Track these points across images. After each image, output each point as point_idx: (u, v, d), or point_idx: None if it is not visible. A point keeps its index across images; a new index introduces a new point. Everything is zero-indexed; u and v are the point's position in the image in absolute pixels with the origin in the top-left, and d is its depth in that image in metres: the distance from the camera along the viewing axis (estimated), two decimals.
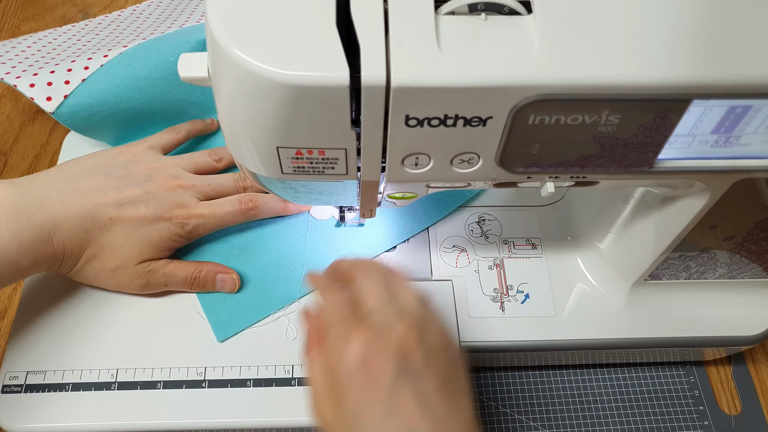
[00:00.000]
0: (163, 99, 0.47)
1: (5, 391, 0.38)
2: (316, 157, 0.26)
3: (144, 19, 0.59)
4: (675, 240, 0.36)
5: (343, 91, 0.23)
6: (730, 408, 0.45)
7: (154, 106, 0.46)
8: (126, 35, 0.54)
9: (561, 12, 0.23)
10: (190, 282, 0.41)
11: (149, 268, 0.39)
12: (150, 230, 0.39)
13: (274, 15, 0.23)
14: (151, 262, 0.40)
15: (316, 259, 0.44)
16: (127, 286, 0.40)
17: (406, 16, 0.23)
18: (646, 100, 0.24)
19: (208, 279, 0.41)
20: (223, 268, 0.42)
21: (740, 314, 0.43)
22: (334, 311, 0.32)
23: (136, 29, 0.56)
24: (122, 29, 0.56)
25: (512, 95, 0.23)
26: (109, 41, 0.52)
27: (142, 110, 0.46)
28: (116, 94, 0.45)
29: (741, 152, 0.28)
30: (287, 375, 0.39)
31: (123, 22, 0.58)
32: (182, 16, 0.59)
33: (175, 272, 0.40)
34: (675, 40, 0.23)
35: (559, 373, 0.46)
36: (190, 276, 0.41)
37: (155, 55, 0.46)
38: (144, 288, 0.40)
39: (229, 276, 0.41)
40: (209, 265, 0.42)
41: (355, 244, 0.45)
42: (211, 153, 0.45)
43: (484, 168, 0.27)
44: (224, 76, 0.24)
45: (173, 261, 0.41)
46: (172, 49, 0.48)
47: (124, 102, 0.45)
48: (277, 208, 0.44)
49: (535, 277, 0.44)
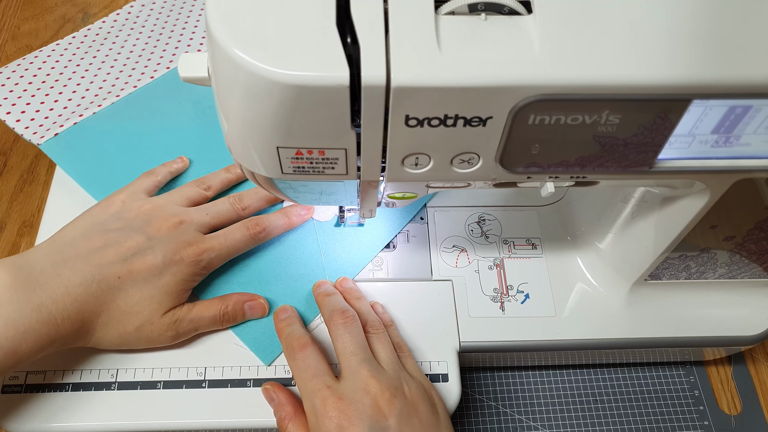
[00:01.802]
0: (155, 147, 0.48)
1: (5, 391, 0.38)
2: (316, 157, 0.26)
3: (141, 25, 0.59)
4: (675, 240, 0.36)
5: (343, 91, 0.23)
6: (730, 408, 0.45)
7: (137, 151, 0.48)
8: (114, 52, 0.56)
9: (561, 12, 0.23)
10: (219, 320, 0.39)
11: (175, 318, 0.37)
12: (164, 277, 0.37)
13: (274, 15, 0.23)
14: (175, 310, 0.38)
15: (333, 261, 0.44)
16: (157, 340, 0.38)
17: (406, 16, 0.23)
18: (646, 100, 0.24)
19: (237, 311, 0.40)
20: (248, 296, 0.40)
21: (740, 314, 0.43)
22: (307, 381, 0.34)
23: (127, 38, 0.57)
24: (110, 43, 0.57)
25: (512, 95, 0.23)
26: (98, 66, 0.54)
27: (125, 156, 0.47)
28: (107, 141, 0.48)
29: (741, 152, 0.28)
30: (288, 375, 0.39)
31: (107, 36, 0.58)
32: (180, 19, 0.59)
33: (202, 314, 0.38)
34: (675, 40, 0.23)
35: (559, 373, 0.46)
36: (218, 314, 0.39)
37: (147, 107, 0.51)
38: (174, 339, 0.38)
39: (256, 302, 0.40)
40: (233, 296, 0.40)
41: (361, 241, 0.45)
42: (198, 183, 0.43)
43: (484, 168, 0.27)
44: (224, 76, 0.24)
45: (196, 304, 0.39)
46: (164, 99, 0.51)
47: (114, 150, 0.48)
48: (283, 224, 0.43)
49: (535, 277, 0.44)
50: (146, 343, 0.38)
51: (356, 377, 0.33)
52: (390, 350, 0.37)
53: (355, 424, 0.31)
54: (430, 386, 0.37)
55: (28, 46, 0.63)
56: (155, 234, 0.38)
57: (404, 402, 0.33)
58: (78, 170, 0.46)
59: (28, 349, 0.32)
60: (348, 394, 0.33)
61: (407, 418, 0.32)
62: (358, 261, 0.44)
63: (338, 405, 0.32)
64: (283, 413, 0.35)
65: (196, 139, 0.49)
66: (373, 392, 0.33)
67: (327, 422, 0.32)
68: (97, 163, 0.47)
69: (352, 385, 0.33)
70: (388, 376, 0.34)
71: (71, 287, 0.34)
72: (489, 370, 0.46)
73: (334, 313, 0.37)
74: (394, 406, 0.32)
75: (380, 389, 0.33)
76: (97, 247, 0.36)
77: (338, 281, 0.43)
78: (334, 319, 0.37)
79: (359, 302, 0.41)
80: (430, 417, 0.34)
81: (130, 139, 0.48)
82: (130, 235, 0.37)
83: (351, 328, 0.36)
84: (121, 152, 0.48)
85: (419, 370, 0.38)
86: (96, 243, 0.36)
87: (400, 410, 0.32)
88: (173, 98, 0.52)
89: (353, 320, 0.37)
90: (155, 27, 0.59)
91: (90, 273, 0.35)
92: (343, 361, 0.35)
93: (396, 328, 0.41)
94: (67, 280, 0.34)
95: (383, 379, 0.33)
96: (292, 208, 0.44)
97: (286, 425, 0.35)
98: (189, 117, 0.51)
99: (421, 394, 0.34)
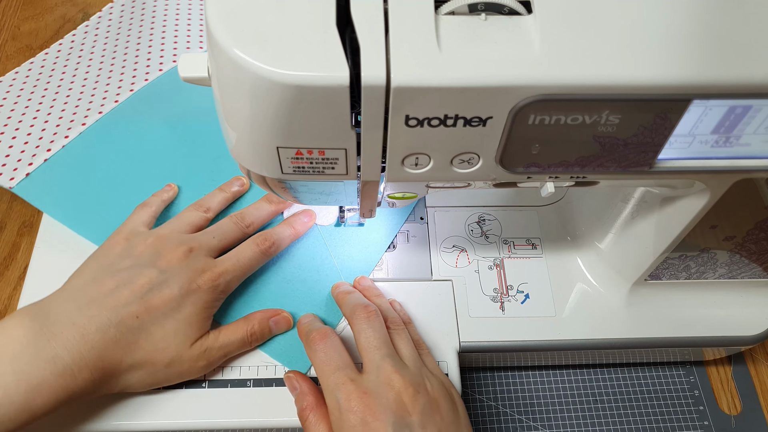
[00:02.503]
0: (135, 175, 0.47)
1: None
2: (316, 157, 0.26)
3: (103, 38, 0.58)
4: (675, 240, 0.36)
5: (343, 91, 0.23)
6: (730, 408, 0.45)
7: (117, 182, 0.46)
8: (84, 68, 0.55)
9: (561, 12, 0.23)
10: (248, 341, 0.38)
11: (204, 348, 0.36)
12: (184, 309, 0.36)
13: (274, 15, 0.23)
14: (202, 340, 0.37)
15: (344, 262, 0.44)
16: (188, 374, 0.37)
17: (406, 16, 0.23)
18: (646, 100, 0.24)
19: (264, 328, 0.39)
20: (271, 312, 0.40)
21: (740, 314, 0.43)
22: (330, 374, 0.33)
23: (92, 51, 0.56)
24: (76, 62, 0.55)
25: (512, 95, 0.23)
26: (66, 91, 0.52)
27: (105, 189, 0.46)
28: (83, 176, 0.46)
29: (741, 152, 0.28)
30: None
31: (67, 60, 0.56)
32: (143, 37, 0.57)
33: (230, 339, 0.38)
34: (675, 40, 0.23)
35: (559, 373, 0.46)
36: (246, 335, 0.38)
37: (117, 134, 0.49)
38: (206, 369, 0.37)
39: (280, 316, 0.40)
40: (257, 315, 0.40)
41: (368, 239, 0.45)
42: (197, 206, 0.42)
43: (484, 168, 0.27)
44: (224, 76, 0.24)
45: (222, 329, 0.38)
46: (134, 123, 0.49)
47: (92, 184, 0.46)
48: (289, 235, 0.42)
49: (535, 277, 0.44)
50: (178, 379, 0.37)
51: (380, 372, 0.33)
52: (411, 347, 0.36)
53: (379, 418, 0.31)
54: (449, 384, 0.36)
55: (28, 46, 0.63)
56: (167, 266, 0.36)
57: (427, 398, 0.33)
58: (60, 211, 0.44)
59: (42, 403, 0.31)
60: (372, 388, 0.32)
61: (430, 415, 0.32)
62: (369, 259, 0.44)
63: (363, 399, 0.32)
64: (305, 403, 0.35)
65: (177, 163, 0.48)
66: (397, 387, 0.32)
67: (351, 416, 0.31)
68: (78, 199, 0.45)
69: (376, 380, 0.33)
70: (411, 372, 0.34)
71: (87, 335, 0.33)
72: (489, 370, 0.46)
73: (356, 308, 0.37)
74: (418, 402, 0.32)
75: (404, 385, 0.32)
76: (109, 289, 0.35)
77: (356, 280, 0.43)
78: (357, 313, 0.36)
79: (379, 299, 0.41)
80: (451, 414, 0.33)
81: (107, 169, 0.47)
82: (142, 272, 0.36)
83: (373, 323, 0.36)
84: (100, 185, 0.46)
85: (438, 367, 0.38)
86: (108, 285, 0.35)
87: (423, 407, 0.32)
88: (143, 122, 0.50)
89: (376, 315, 0.36)
90: (115, 47, 0.56)
91: (106, 317, 0.34)
92: (365, 356, 0.35)
93: (414, 325, 0.41)
94: (82, 328, 0.33)
95: (406, 375, 0.33)
96: (294, 218, 0.43)
97: (307, 415, 0.34)
98: (164, 139, 0.49)
99: (442, 391, 0.34)
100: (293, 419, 0.38)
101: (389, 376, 0.33)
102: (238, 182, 0.45)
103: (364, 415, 0.31)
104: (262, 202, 0.43)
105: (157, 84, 0.53)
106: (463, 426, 0.34)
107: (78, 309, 0.34)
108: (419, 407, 0.32)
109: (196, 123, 0.50)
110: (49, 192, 0.45)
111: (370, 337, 0.35)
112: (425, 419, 0.32)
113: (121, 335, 0.34)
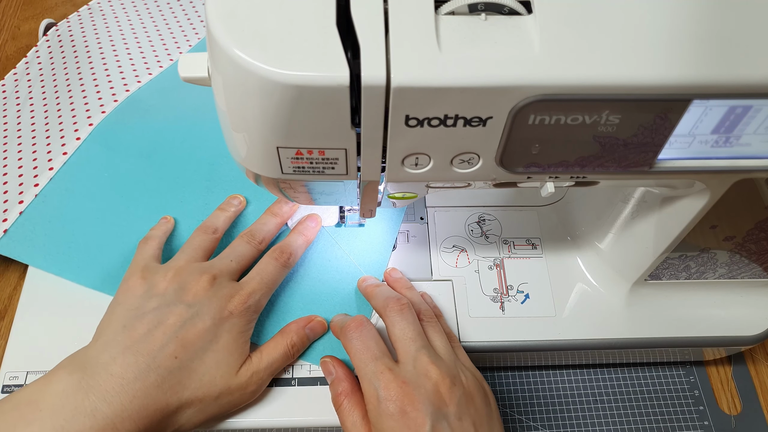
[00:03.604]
0: (107, 210, 0.45)
1: (5, 391, 0.38)
2: (316, 157, 0.26)
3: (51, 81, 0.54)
4: (675, 240, 0.36)
5: (343, 91, 0.23)
6: (730, 408, 0.45)
7: (99, 220, 0.45)
8: None
9: (561, 12, 0.23)
10: (290, 354, 0.38)
11: (250, 373, 0.36)
12: (221, 338, 0.35)
13: (274, 15, 0.23)
14: (246, 365, 0.36)
15: (360, 257, 0.44)
16: (240, 401, 0.36)
17: (406, 16, 0.23)
18: (646, 100, 0.24)
19: (302, 338, 0.39)
20: (304, 320, 0.40)
21: (740, 314, 0.43)
22: (368, 363, 0.33)
23: None
24: None
25: (512, 95, 0.23)
26: None
27: (88, 230, 0.44)
28: (63, 224, 0.44)
29: (741, 152, 0.28)
30: (287, 375, 0.39)
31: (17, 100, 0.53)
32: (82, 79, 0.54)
33: (273, 357, 0.37)
34: (675, 40, 0.23)
35: (559, 373, 0.46)
36: (288, 348, 0.38)
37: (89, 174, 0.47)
38: (257, 393, 0.37)
39: (315, 322, 0.40)
40: (291, 326, 0.39)
41: (376, 231, 0.45)
42: (204, 230, 0.42)
43: (484, 168, 0.27)
44: (224, 76, 0.24)
45: (262, 349, 0.38)
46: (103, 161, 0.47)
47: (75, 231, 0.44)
48: (303, 242, 0.42)
49: (535, 277, 0.44)
50: (230, 409, 0.36)
51: (416, 363, 0.33)
52: (445, 339, 0.36)
53: (418, 408, 0.31)
54: (481, 378, 0.36)
55: (29, 46, 0.63)
56: (194, 299, 0.36)
57: (463, 390, 0.33)
58: (47, 262, 0.42)
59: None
60: (410, 378, 0.32)
61: (465, 407, 0.32)
62: (383, 249, 0.44)
63: (402, 388, 0.32)
64: (340, 389, 0.35)
65: (158, 190, 0.46)
66: (434, 378, 0.32)
67: (390, 405, 0.31)
68: (64, 248, 0.43)
69: (413, 371, 0.33)
70: (447, 365, 0.34)
71: (127, 384, 0.32)
72: (489, 370, 0.46)
73: (389, 300, 0.37)
74: (454, 393, 0.32)
75: (441, 376, 0.32)
76: (141, 334, 0.34)
77: (387, 272, 0.43)
78: (390, 306, 0.36)
79: (410, 292, 0.41)
80: (485, 407, 0.34)
81: (86, 209, 0.45)
82: (170, 310, 0.35)
83: (407, 315, 0.36)
84: (82, 227, 0.44)
85: (470, 361, 0.38)
86: (139, 330, 0.34)
87: (459, 398, 0.32)
88: (113, 156, 0.48)
89: (409, 308, 0.36)
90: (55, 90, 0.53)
91: (144, 363, 0.33)
92: (400, 347, 0.34)
93: (444, 318, 0.41)
94: (120, 378, 0.32)
95: (443, 367, 0.33)
96: (302, 225, 0.43)
97: (341, 401, 0.34)
98: (139, 170, 0.47)
99: (476, 384, 0.34)
100: (293, 419, 0.38)
101: (426, 368, 0.33)
102: (236, 200, 0.45)
103: (402, 404, 0.31)
104: (267, 216, 0.43)
105: (117, 115, 0.51)
106: (495, 419, 0.34)
107: (113, 359, 0.33)
108: (456, 399, 0.32)
109: (169, 149, 0.49)
110: (32, 244, 0.43)
111: (405, 329, 0.35)
112: (461, 410, 0.32)
113: (163, 379, 0.33)
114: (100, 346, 0.34)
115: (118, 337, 0.34)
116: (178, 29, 0.62)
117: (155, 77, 0.56)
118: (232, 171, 0.47)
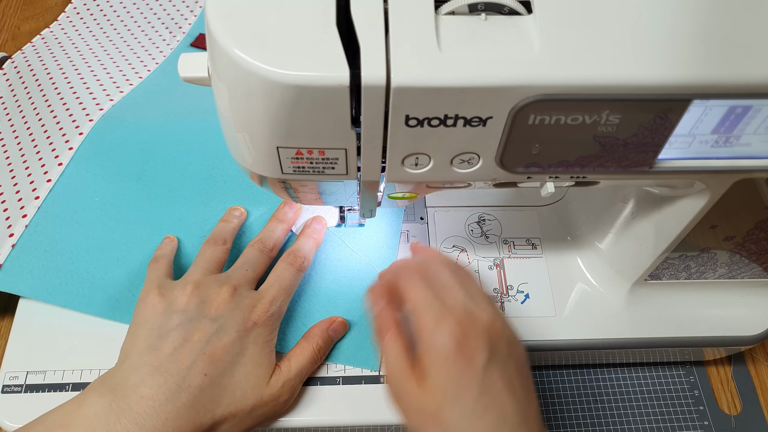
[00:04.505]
0: (100, 236, 0.44)
1: (5, 391, 0.38)
2: (316, 157, 0.26)
3: None
4: (675, 240, 0.36)
5: (343, 91, 0.23)
6: (730, 408, 0.45)
7: (93, 247, 0.43)
8: None
9: (561, 12, 0.23)
10: (317, 357, 0.38)
11: (281, 382, 0.36)
12: (248, 350, 0.35)
13: (274, 15, 0.23)
14: (275, 375, 0.36)
15: (370, 253, 0.44)
16: (274, 412, 0.36)
17: (406, 16, 0.23)
18: (646, 100, 0.24)
19: (326, 340, 0.39)
20: (326, 322, 0.40)
21: (740, 314, 0.43)
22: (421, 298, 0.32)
23: None
24: None
25: (512, 95, 0.23)
26: None
27: (82, 257, 0.43)
28: (59, 253, 0.42)
29: (741, 152, 0.28)
30: None
31: None
32: None
33: (302, 363, 0.37)
34: (675, 39, 0.23)
35: (559, 373, 0.46)
36: (314, 352, 0.38)
37: (78, 200, 0.45)
38: (290, 401, 0.37)
39: (336, 323, 0.40)
40: (314, 330, 0.39)
41: (379, 226, 0.46)
42: (214, 242, 0.41)
43: (484, 168, 0.27)
44: (224, 76, 0.24)
45: (290, 357, 0.37)
46: (90, 187, 0.45)
47: (73, 259, 0.42)
48: (312, 245, 0.42)
49: (535, 277, 0.44)
50: (267, 421, 0.36)
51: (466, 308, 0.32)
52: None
53: (475, 340, 0.30)
54: None
55: None
56: (216, 312, 0.35)
57: (510, 333, 0.32)
58: (50, 294, 0.41)
59: None
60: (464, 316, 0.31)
61: (513, 347, 0.32)
62: (391, 244, 0.45)
63: (459, 319, 0.30)
64: (384, 323, 0.33)
65: (158, 214, 0.45)
66: (485, 319, 0.31)
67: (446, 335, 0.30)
68: (66, 277, 0.42)
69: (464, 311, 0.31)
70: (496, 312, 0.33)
71: (158, 406, 0.31)
72: None
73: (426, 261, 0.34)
74: (504, 333, 0.31)
75: (493, 316, 0.31)
76: (167, 353, 0.33)
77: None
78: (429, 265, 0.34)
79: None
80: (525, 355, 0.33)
81: (84, 238, 0.43)
82: (194, 325, 0.35)
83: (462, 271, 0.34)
84: (83, 256, 0.43)
85: None
86: (165, 350, 0.33)
87: (509, 338, 0.32)
88: (101, 181, 0.46)
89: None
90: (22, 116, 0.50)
91: (174, 383, 0.32)
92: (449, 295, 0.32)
93: None
94: (151, 400, 0.31)
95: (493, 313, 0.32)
96: (310, 229, 0.43)
97: (384, 335, 0.33)
98: (132, 193, 0.46)
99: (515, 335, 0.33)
100: (296, 419, 0.38)
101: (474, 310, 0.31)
102: (236, 212, 0.44)
103: (459, 338, 0.30)
104: (273, 223, 0.43)
105: (97, 135, 0.48)
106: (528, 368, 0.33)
107: (143, 380, 0.32)
108: (506, 338, 0.31)
109: (158, 167, 0.47)
110: (30, 276, 0.41)
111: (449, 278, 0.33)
112: (512, 349, 0.31)
113: (195, 398, 0.32)
114: (127, 368, 0.33)
115: (144, 357, 0.33)
116: (149, 43, 0.61)
117: (127, 94, 0.53)
118: (227, 183, 0.46)
